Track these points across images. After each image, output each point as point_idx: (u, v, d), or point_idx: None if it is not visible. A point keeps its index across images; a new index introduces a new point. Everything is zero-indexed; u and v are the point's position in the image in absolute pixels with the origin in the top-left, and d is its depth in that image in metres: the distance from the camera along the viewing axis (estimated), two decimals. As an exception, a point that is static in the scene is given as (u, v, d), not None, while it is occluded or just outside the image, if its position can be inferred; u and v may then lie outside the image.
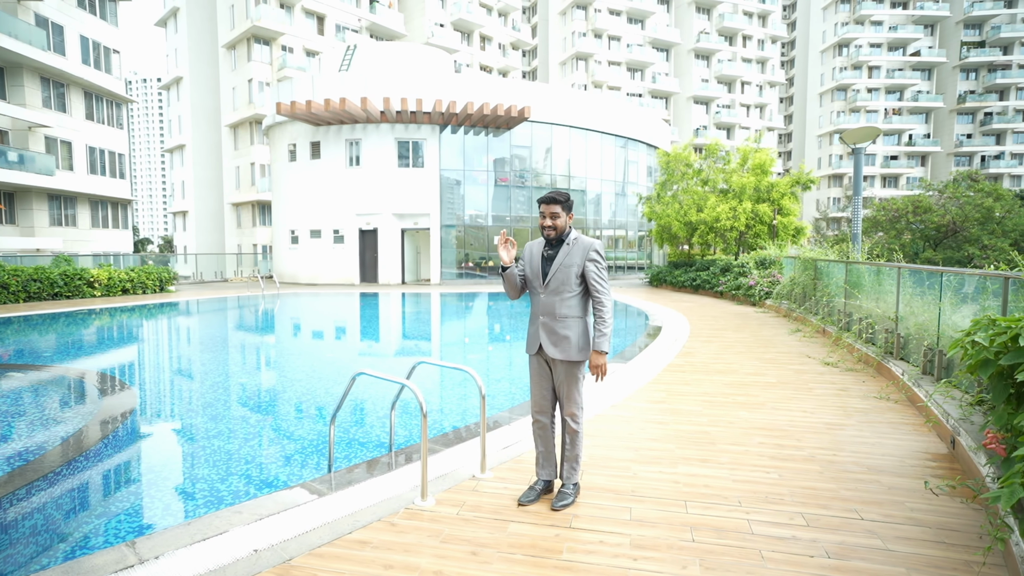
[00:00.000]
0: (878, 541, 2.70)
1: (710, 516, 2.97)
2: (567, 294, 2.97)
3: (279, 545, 2.66)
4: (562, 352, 2.98)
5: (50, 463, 4.11)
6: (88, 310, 13.67)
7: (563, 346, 2.98)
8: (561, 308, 2.98)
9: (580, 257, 2.97)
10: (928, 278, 5.76)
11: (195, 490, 3.80)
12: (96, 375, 7.14)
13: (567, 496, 3.08)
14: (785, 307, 11.79)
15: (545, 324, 3.01)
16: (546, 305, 3.01)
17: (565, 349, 2.98)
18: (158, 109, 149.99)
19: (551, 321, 2.99)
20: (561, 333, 2.98)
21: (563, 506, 3.02)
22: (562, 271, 2.96)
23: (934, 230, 27.36)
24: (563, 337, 2.98)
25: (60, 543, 3.06)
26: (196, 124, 39.26)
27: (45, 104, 24.03)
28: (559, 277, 2.97)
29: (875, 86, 59.80)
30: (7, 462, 4.20)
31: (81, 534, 3.18)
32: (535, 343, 3.08)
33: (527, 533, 2.79)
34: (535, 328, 3.07)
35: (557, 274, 2.97)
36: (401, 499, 3.17)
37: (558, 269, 2.97)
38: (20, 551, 2.95)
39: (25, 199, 23.95)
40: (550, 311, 3.00)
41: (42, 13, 23.52)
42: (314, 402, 6.05)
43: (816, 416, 4.77)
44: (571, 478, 3.14)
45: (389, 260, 22.74)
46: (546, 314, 3.01)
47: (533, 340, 3.09)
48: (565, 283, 2.96)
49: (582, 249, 2.97)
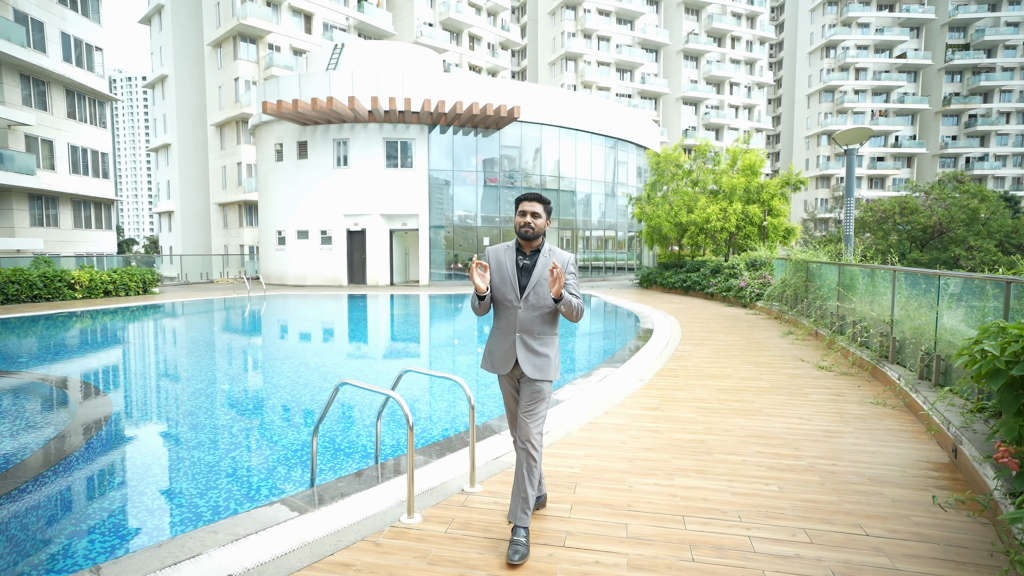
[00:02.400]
0: (885, 559, 2.59)
1: (709, 532, 2.84)
2: (545, 310, 2.72)
3: (255, 569, 2.49)
4: (540, 371, 2.72)
5: (14, 479, 3.90)
6: (68, 313, 13.33)
7: (541, 364, 2.73)
8: (540, 325, 2.73)
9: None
10: (924, 281, 5.69)
11: (171, 505, 3.61)
12: (70, 381, 6.89)
13: (521, 547, 2.58)
14: (776, 309, 11.76)
15: (523, 341, 2.72)
16: (524, 321, 2.72)
17: (543, 368, 2.73)
18: (143, 108, 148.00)
19: (530, 338, 2.72)
20: (541, 351, 2.73)
21: (521, 559, 2.54)
22: (541, 284, 2.70)
23: (920, 231, 27.60)
24: (543, 355, 2.73)
25: (21, 566, 2.86)
26: (182, 123, 38.69)
27: (25, 102, 23.49)
28: (539, 291, 2.70)
29: (862, 88, 60.42)
30: (-29, 477, 3.98)
31: (46, 555, 2.99)
32: (508, 361, 2.75)
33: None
34: (508, 345, 2.75)
35: (537, 287, 2.70)
36: (386, 516, 3.01)
37: (538, 282, 2.70)
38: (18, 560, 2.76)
39: (5, 199, 23.39)
40: (528, 328, 2.72)
41: (21, 8, 22.98)
42: (298, 410, 5.87)
43: (813, 423, 4.67)
44: (523, 521, 2.65)
45: (377, 261, 22.49)
46: (524, 331, 2.72)
47: (505, 358, 2.76)
48: (545, 298, 2.70)
49: (560, 262, 2.69)
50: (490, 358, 2.85)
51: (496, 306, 2.81)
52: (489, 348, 2.86)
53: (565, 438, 4.28)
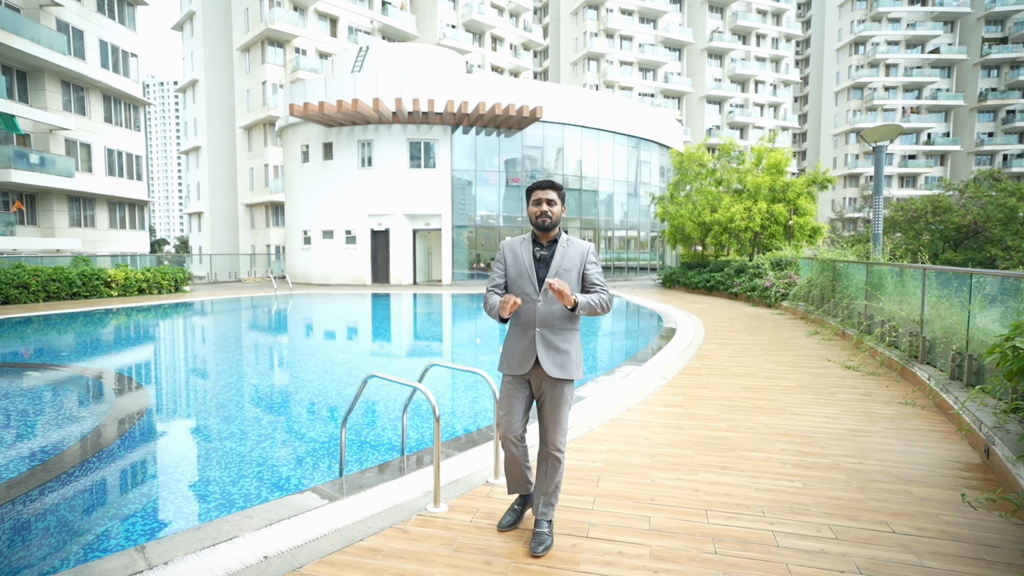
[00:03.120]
0: (912, 556, 2.57)
1: (733, 527, 2.86)
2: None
3: (289, 552, 2.60)
4: (562, 370, 2.60)
5: (62, 464, 4.09)
6: (105, 310, 13.81)
7: (563, 362, 2.61)
8: (562, 319, 2.61)
9: (579, 260, 2.64)
10: (956, 280, 5.57)
11: (206, 492, 3.76)
12: (112, 375, 7.17)
13: (545, 538, 2.63)
14: (802, 309, 11.57)
15: (543, 337, 2.60)
16: (544, 315, 2.60)
17: (565, 366, 2.61)
18: (174, 112, 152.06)
19: (550, 333, 2.60)
20: (562, 347, 2.61)
21: (544, 550, 2.59)
22: (563, 275, 2.60)
23: (954, 231, 26.76)
24: (564, 352, 2.61)
25: (71, 545, 3.02)
26: (211, 126, 39.68)
27: (65, 107, 24.39)
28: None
29: (892, 84, 58.85)
30: (21, 462, 4.19)
31: (93, 536, 3.15)
32: (527, 360, 2.62)
33: (543, 543, 2.70)
34: (527, 342, 2.61)
35: (558, 278, 2.58)
36: (413, 505, 3.09)
37: (558, 272, 2.60)
38: (33, 552, 2.92)
39: (46, 200, 24.32)
40: (549, 322, 2.60)
41: (63, 18, 23.88)
42: (326, 403, 6.01)
43: (839, 422, 4.62)
44: (547, 514, 2.69)
45: (401, 261, 22.75)
46: (544, 325, 2.60)
47: (524, 356, 2.63)
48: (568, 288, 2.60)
49: (579, 252, 2.65)
50: (507, 359, 2.70)
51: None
52: (506, 348, 2.72)
53: (588, 434, 4.32)
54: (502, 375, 2.76)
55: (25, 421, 5.25)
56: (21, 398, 6.10)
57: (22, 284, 13.84)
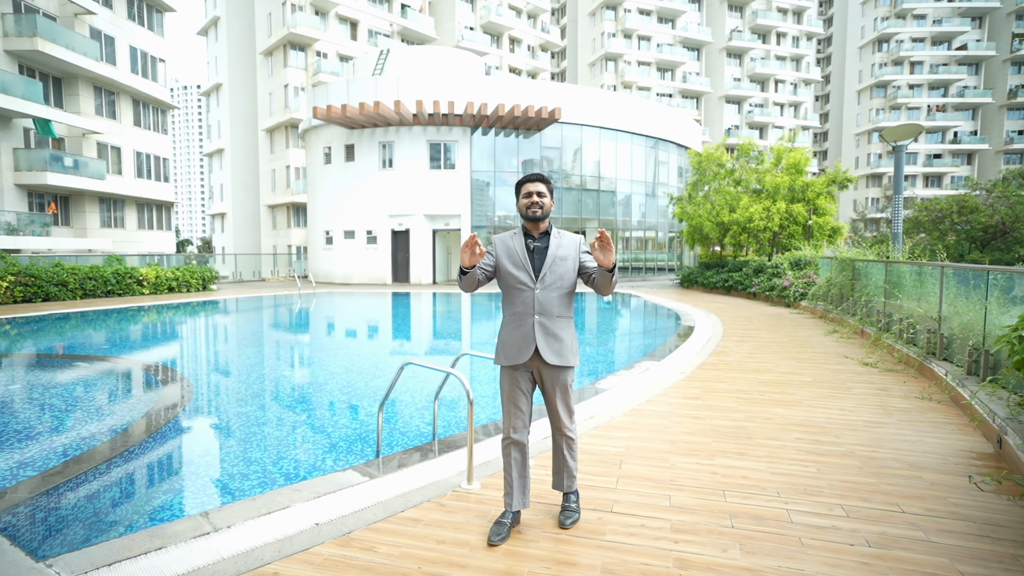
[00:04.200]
0: (920, 533, 2.72)
1: (749, 505, 3.03)
2: (563, 290, 2.66)
3: (338, 520, 2.84)
4: (560, 357, 2.64)
5: (125, 443, 4.41)
6: (139, 307, 14.35)
7: (561, 349, 2.65)
8: (559, 307, 2.65)
9: (573, 250, 2.69)
10: (974, 277, 5.64)
11: (247, 471, 4.03)
12: (160, 366, 7.55)
13: (573, 512, 2.82)
14: (821, 308, 11.59)
15: (541, 324, 2.63)
16: (542, 302, 2.63)
17: (563, 353, 2.65)
18: (197, 115, 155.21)
19: (548, 320, 2.63)
20: (559, 335, 2.64)
21: (573, 523, 2.77)
22: (558, 263, 2.64)
23: (981, 231, 26.29)
24: (561, 339, 2.65)
25: (143, 510, 3.31)
26: (234, 129, 40.56)
27: (97, 112, 25.22)
28: (556, 270, 2.63)
29: (917, 82, 57.82)
30: (92, 438, 4.52)
31: (157, 503, 3.44)
32: (526, 349, 2.63)
33: (570, 516, 2.90)
34: (525, 330, 2.63)
35: (554, 266, 2.63)
36: (448, 483, 3.32)
37: (554, 261, 2.64)
38: (113, 515, 3.22)
39: (79, 202, 25.17)
40: (546, 309, 2.63)
41: (96, 26, 24.71)
42: (356, 393, 6.28)
43: (855, 414, 4.75)
44: (572, 486, 2.87)
45: (421, 260, 23.11)
46: (542, 312, 2.63)
47: (522, 344, 2.64)
48: (563, 277, 2.64)
49: (572, 242, 2.70)
50: (504, 349, 2.70)
51: (508, 292, 2.71)
52: (502, 339, 2.72)
53: (609, 422, 4.51)
54: (500, 373, 2.79)
55: (88, 406, 5.60)
56: (84, 386, 6.48)
57: (61, 282, 14.44)
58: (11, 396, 5.97)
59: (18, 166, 21.98)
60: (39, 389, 6.31)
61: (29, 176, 21.88)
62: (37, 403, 5.74)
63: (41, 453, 4.25)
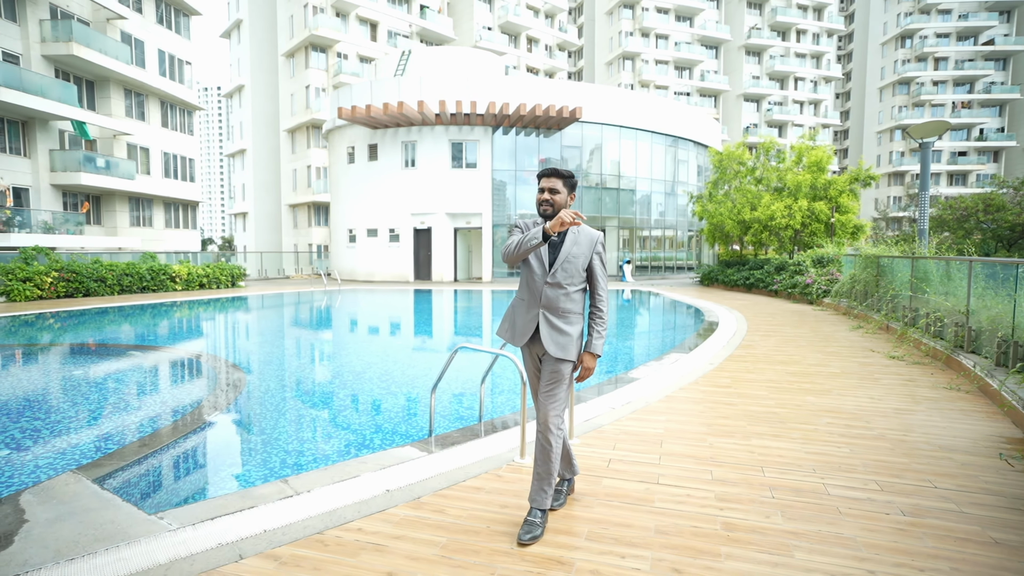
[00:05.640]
0: (952, 505, 2.90)
1: (787, 479, 3.23)
2: (572, 288, 2.65)
3: (406, 487, 3.10)
4: (563, 350, 2.64)
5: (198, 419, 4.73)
6: (178, 301, 14.86)
7: (564, 343, 2.64)
8: (565, 302, 2.65)
9: (587, 248, 2.66)
10: (1003, 271, 5.74)
11: (302, 449, 4.32)
12: (211, 356, 7.91)
13: (535, 526, 2.56)
14: (844, 305, 11.64)
15: (546, 317, 2.65)
16: (549, 298, 2.64)
17: (566, 347, 2.64)
18: (217, 116, 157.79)
19: (553, 316, 2.65)
20: (563, 329, 2.64)
21: (532, 539, 2.51)
22: (570, 262, 2.62)
23: (1008, 229, 25.88)
24: (566, 334, 2.64)
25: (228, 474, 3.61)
26: (256, 129, 41.32)
27: (127, 113, 25.97)
28: (567, 268, 2.62)
29: (942, 78, 56.82)
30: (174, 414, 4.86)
31: (232, 472, 3.73)
32: (525, 333, 2.69)
33: (619, 487, 3.13)
34: (530, 317, 2.68)
35: (565, 264, 2.62)
36: (501, 458, 3.56)
37: (566, 259, 2.62)
38: (200, 479, 3.52)
39: (109, 202, 25.94)
40: (552, 305, 2.65)
41: (126, 30, 25.45)
42: (398, 380, 6.56)
43: (884, 402, 4.89)
44: (538, 500, 2.62)
45: (442, 258, 23.44)
46: (547, 307, 2.65)
47: (524, 329, 2.69)
48: (572, 275, 2.64)
49: (588, 239, 2.67)
50: (510, 327, 2.78)
51: (523, 277, 2.74)
52: (509, 316, 2.78)
53: (646, 407, 4.72)
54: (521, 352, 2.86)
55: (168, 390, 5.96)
56: (142, 373, 6.86)
57: (100, 278, 15.00)
58: (98, 379, 6.35)
59: (54, 167, 22.73)
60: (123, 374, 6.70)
61: (64, 176, 22.63)
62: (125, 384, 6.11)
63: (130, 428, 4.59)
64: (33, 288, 13.56)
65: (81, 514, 2.63)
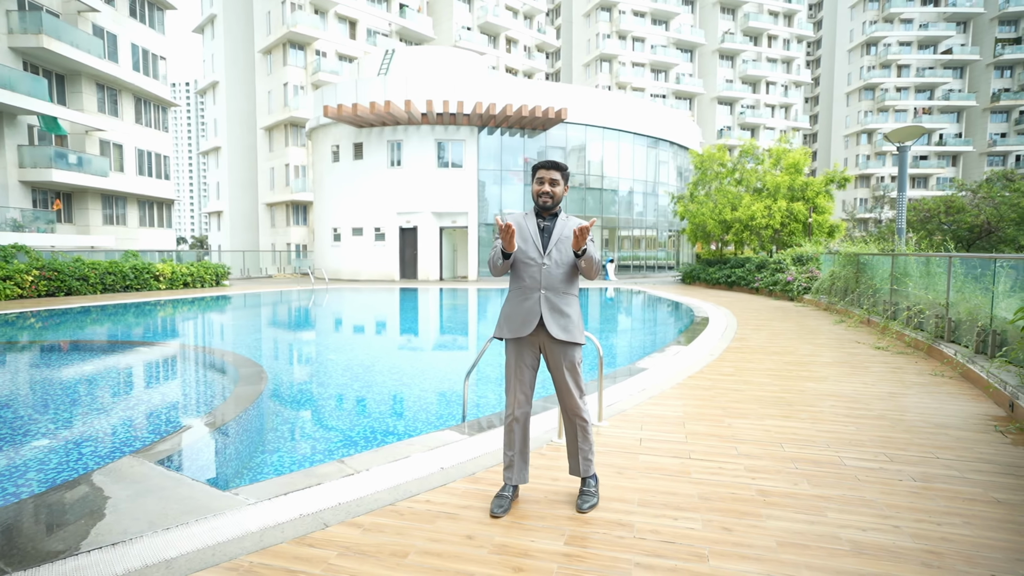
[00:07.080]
0: (956, 472, 3.23)
1: (805, 453, 3.52)
2: (566, 267, 2.74)
3: (459, 465, 3.28)
4: (567, 332, 2.69)
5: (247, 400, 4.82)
6: (162, 300, 14.60)
7: (567, 325, 2.70)
8: (564, 282, 2.74)
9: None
10: (980, 264, 6.20)
11: (329, 437, 4.46)
12: (228, 352, 7.91)
13: (591, 496, 2.77)
14: (824, 301, 12.18)
15: (547, 299, 2.70)
16: (549, 277, 2.71)
17: (569, 329, 2.70)
18: (186, 113, 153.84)
19: (554, 296, 2.71)
20: (565, 310, 2.71)
21: (590, 507, 2.72)
22: (564, 241, 2.74)
23: (967, 231, 27.19)
24: (566, 315, 2.71)
25: (275, 457, 3.73)
26: (231, 127, 40.56)
27: (100, 109, 25.27)
28: (561, 248, 2.73)
29: (904, 85, 59.14)
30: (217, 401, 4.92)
31: (280, 455, 3.85)
32: (530, 321, 2.70)
33: (655, 461, 3.37)
34: (531, 303, 2.71)
35: (559, 244, 2.74)
36: (541, 439, 3.77)
37: (559, 239, 2.74)
38: (266, 459, 3.63)
39: (81, 199, 25.21)
40: (552, 284, 2.72)
41: (98, 23, 24.78)
42: (406, 371, 6.70)
43: (877, 387, 5.26)
44: (589, 470, 2.83)
45: (428, 257, 23.50)
46: (548, 287, 2.71)
47: (527, 317, 2.71)
48: (565, 255, 2.73)
49: (577, 223, 2.77)
50: (508, 322, 2.77)
51: (516, 266, 2.78)
52: (506, 312, 2.80)
53: (661, 393, 4.99)
54: (505, 348, 2.83)
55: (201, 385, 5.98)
56: (168, 367, 6.84)
57: (82, 276, 14.65)
58: (125, 372, 6.32)
59: (23, 163, 22.02)
60: (133, 368, 6.67)
61: (34, 173, 21.94)
62: (145, 378, 6.11)
63: (176, 415, 4.65)
64: (13, 287, 13.20)
65: (158, 491, 2.75)
